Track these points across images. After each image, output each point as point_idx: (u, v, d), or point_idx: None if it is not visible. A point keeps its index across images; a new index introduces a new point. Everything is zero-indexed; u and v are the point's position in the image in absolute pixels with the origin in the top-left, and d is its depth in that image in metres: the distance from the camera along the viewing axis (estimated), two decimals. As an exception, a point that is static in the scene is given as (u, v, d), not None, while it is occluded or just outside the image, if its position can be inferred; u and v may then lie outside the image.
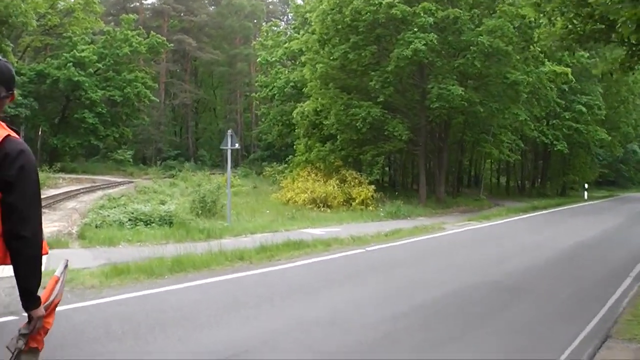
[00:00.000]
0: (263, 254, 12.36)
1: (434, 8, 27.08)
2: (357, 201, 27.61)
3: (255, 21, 76.13)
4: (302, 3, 47.75)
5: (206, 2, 76.86)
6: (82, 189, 31.85)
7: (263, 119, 55.81)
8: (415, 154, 32.62)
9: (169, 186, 33.11)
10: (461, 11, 27.70)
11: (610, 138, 46.69)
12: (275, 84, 46.29)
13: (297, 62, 45.66)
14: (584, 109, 41.87)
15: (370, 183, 28.98)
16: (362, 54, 28.01)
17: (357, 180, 29.21)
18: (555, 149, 44.06)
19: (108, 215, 16.76)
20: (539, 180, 54.68)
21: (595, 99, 43.54)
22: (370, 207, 27.14)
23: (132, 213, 16.87)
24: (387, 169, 41.53)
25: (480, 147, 37.57)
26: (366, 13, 27.17)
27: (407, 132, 28.58)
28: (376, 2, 26.78)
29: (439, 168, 32.89)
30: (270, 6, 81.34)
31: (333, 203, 27.38)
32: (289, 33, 52.12)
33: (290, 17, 71.81)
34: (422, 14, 26.74)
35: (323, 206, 26.88)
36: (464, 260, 13.41)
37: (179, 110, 71.66)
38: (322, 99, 30.95)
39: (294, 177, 33.51)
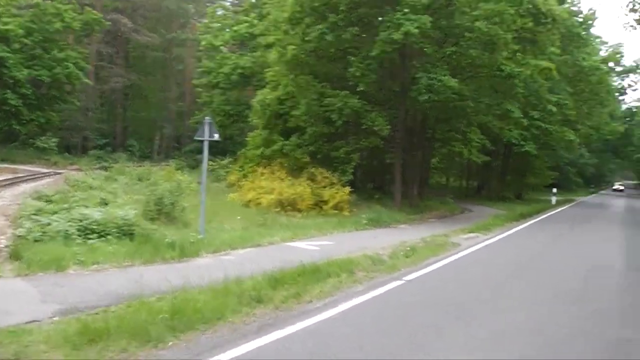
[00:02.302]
0: (282, 290, 8.72)
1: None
2: (329, 205, 23.98)
3: (192, 5, 71.39)
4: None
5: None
6: (3, 180, 26.93)
7: (204, 107, 51.71)
8: (389, 152, 29.00)
9: (105, 180, 28.61)
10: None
11: (578, 140, 44.63)
12: (221, 70, 42.66)
13: (249, 47, 42.21)
14: (554, 109, 39.10)
15: (343, 184, 25.35)
16: (342, 36, 24.07)
17: (327, 180, 25.50)
18: (522, 149, 41.42)
19: (49, 224, 12.28)
20: (496, 182, 52.15)
21: (565, 98, 41.08)
22: (345, 212, 23.65)
23: (81, 221, 12.43)
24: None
25: (449, 146, 34.64)
26: (348, -11, 23.43)
27: (387, 126, 25.09)
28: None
29: (412, 168, 29.58)
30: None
31: (302, 206, 23.66)
32: (234, 16, 48.39)
33: (231, 0, 67.33)
34: (414, -7, 23.23)
35: (291, 210, 23.13)
36: (543, 293, 10.16)
37: (108, 96, 65.91)
38: (289, 86, 27.04)
39: (245, 173, 29.93)
